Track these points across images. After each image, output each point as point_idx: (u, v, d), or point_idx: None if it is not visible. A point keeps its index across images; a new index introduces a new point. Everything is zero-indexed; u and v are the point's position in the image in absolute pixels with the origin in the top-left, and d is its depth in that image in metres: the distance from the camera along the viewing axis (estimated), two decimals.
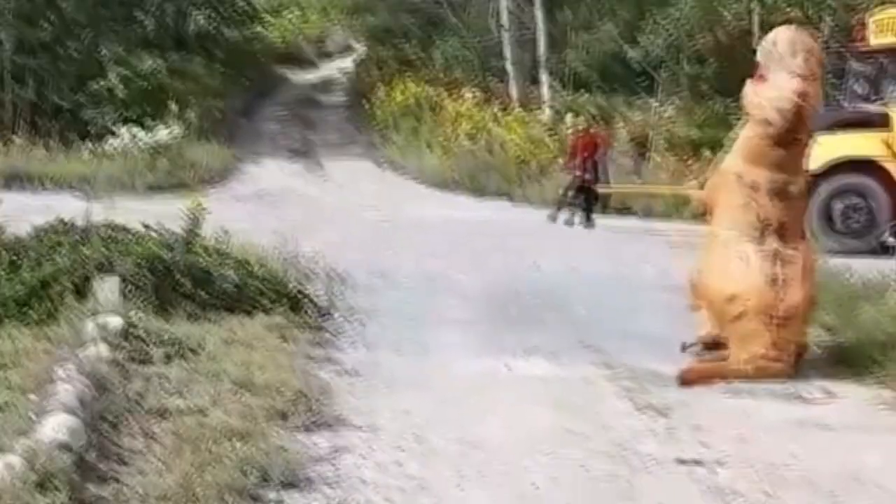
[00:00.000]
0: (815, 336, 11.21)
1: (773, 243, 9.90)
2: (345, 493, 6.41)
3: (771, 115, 10.02)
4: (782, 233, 9.96)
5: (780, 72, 10.12)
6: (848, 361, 10.27)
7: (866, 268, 13.43)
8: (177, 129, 24.46)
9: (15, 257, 10.76)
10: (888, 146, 17.72)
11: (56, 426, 6.38)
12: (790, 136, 10.02)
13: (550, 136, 25.35)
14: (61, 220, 11.53)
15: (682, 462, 7.28)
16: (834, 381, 9.77)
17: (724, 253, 9.95)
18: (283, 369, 8.77)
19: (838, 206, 17.59)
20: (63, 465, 5.90)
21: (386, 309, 12.29)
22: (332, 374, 9.24)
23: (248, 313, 10.78)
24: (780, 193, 9.99)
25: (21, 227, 11.55)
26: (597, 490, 6.73)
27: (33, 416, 6.56)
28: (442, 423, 7.99)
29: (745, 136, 10.27)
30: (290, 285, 11.92)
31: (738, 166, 10.14)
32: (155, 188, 21.98)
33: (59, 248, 10.87)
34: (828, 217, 17.89)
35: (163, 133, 24.09)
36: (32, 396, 7.09)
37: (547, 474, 6.95)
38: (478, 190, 23.69)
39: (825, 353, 10.31)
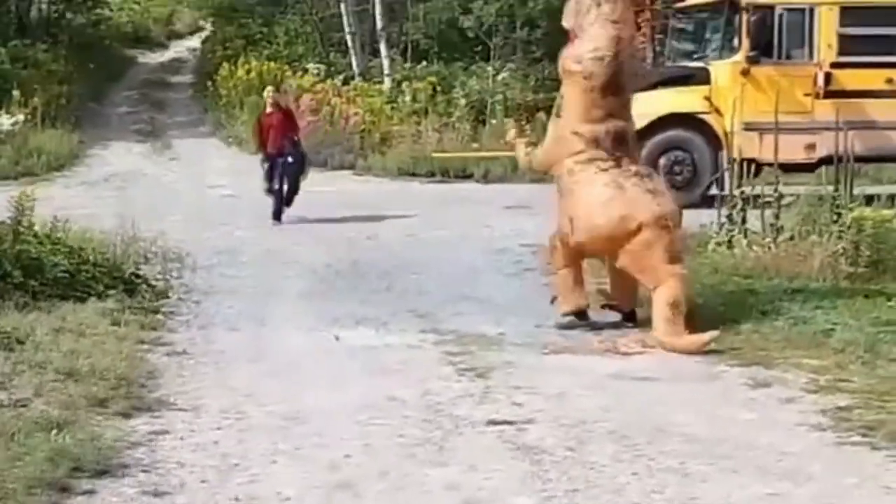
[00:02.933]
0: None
1: (630, 165, 10.28)
2: (159, 478, 6.28)
3: (591, 67, 10.12)
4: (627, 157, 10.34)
5: (592, 25, 10.23)
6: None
7: (689, 220, 13.61)
8: (20, 117, 23.81)
9: None
10: (709, 100, 17.99)
11: None
12: (614, 83, 10.20)
13: (391, 107, 25.27)
14: None
15: (493, 423, 7.29)
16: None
17: (594, 190, 10.06)
18: (109, 355, 8.60)
19: (663, 161, 17.83)
20: None
21: (224, 287, 12.16)
22: (162, 356, 9.09)
23: (82, 300, 10.58)
24: (619, 140, 10.25)
25: None
26: (408, 455, 6.70)
27: None
28: (265, 397, 7.92)
29: (572, 96, 10.35)
30: (126, 269, 11.73)
31: (573, 126, 10.25)
32: (1, 177, 21.37)
33: None
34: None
35: (5, 121, 23.45)
36: None
37: (361, 443, 6.91)
38: (322, 164, 23.48)
39: (643, 305, 10.42)
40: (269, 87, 18.62)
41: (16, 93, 24.74)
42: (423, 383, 8.30)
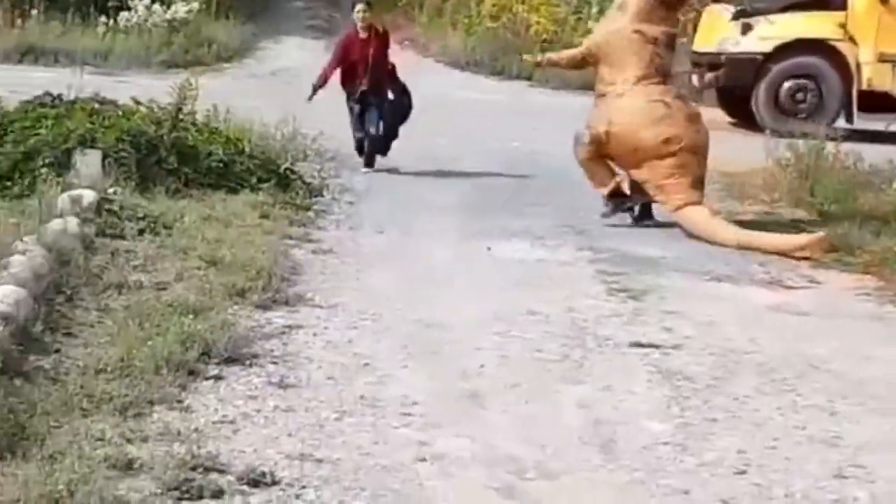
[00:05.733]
0: (812, 223, 11.26)
1: (675, 88, 11.52)
2: (287, 370, 6.47)
3: None
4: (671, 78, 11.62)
5: None
6: (840, 250, 10.27)
7: (877, 154, 13.33)
8: (195, 5, 24.27)
9: None
10: (843, 28, 17.52)
11: (1, 297, 6.46)
12: None
13: (577, 18, 25.08)
14: (48, 93, 11.57)
15: (638, 345, 7.31)
16: (821, 269, 9.78)
17: (641, 104, 10.93)
18: (254, 247, 8.84)
19: (786, 86, 17.60)
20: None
21: (379, 190, 12.33)
22: (307, 253, 9.30)
23: (234, 191, 10.88)
24: (670, 45, 11.33)
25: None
26: (543, 370, 6.77)
27: None
28: (404, 302, 8.05)
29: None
30: (282, 164, 11.97)
31: (635, 25, 11.06)
32: (170, 65, 21.90)
33: (43, 121, 10.92)
34: (775, 98, 17.83)
35: (181, 8, 23.94)
36: None
37: (496, 354, 7.00)
38: (499, 71, 23.51)
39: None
40: (360, 5, 13.34)
41: None
42: (569, 300, 8.33)
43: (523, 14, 24.78)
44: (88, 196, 9.22)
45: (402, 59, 15.24)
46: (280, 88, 20.41)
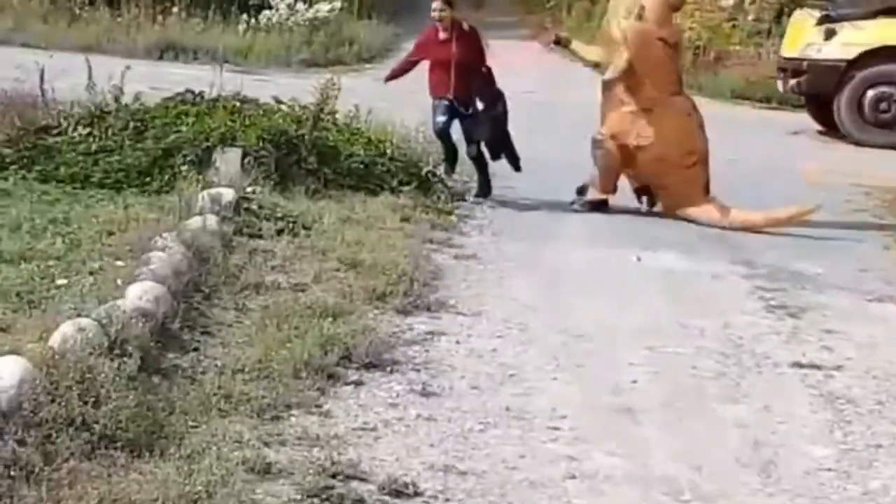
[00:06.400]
0: None
1: (689, 95, 11.96)
2: (430, 378, 6.40)
3: None
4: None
5: None
6: None
7: None
8: (337, 4, 24.43)
9: (141, 126, 10.95)
10: None
11: (141, 294, 6.50)
12: None
13: (732, 25, 24.77)
14: (189, 91, 11.67)
15: (798, 365, 7.11)
16: None
17: (671, 119, 11.32)
18: (395, 250, 8.81)
19: (870, 95, 17.20)
20: (139, 332, 6.01)
21: (525, 194, 12.20)
22: (449, 258, 9.22)
23: (374, 193, 10.85)
24: (678, 47, 11.88)
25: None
26: (698, 387, 6.62)
27: (119, 283, 6.69)
28: (551, 311, 7.95)
29: (654, 3, 11.30)
30: (424, 167, 11.92)
31: (659, 32, 11.34)
32: (310, 64, 22.05)
33: (184, 118, 11.03)
34: (858, 107, 17.41)
35: (323, 7, 24.11)
36: (120, 262, 7.22)
37: (648, 369, 6.86)
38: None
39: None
40: (436, 3, 11.82)
41: None
42: (725, 315, 8.15)
43: (676, 19, 24.48)
44: (228, 194, 9.26)
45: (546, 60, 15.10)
46: (421, 89, 20.48)
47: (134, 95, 11.50)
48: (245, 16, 23.03)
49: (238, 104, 11.37)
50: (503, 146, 11.91)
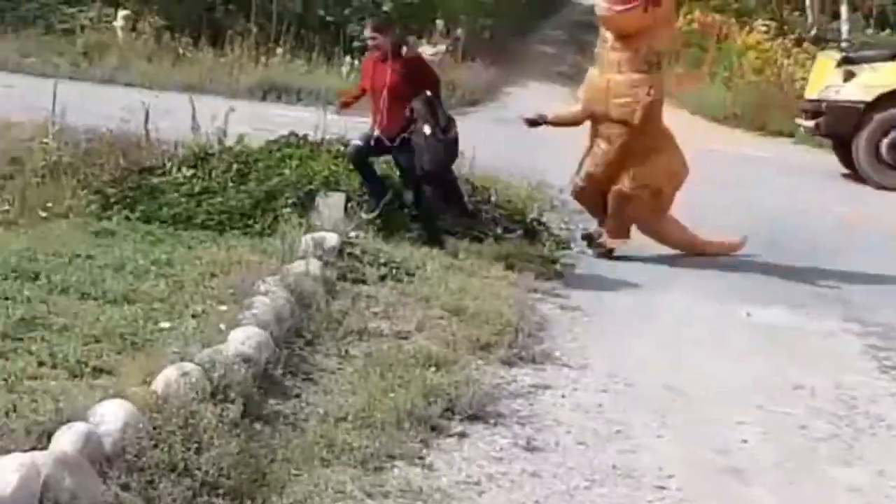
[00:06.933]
0: None
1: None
2: (535, 432, 6.40)
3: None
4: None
5: None
6: None
7: None
8: (442, 48, 24.66)
9: (244, 168, 11.10)
10: None
11: (244, 339, 6.57)
12: None
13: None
14: (293, 133, 11.82)
15: None
16: None
17: (670, 155, 11.53)
18: (499, 299, 8.83)
19: (888, 139, 17.15)
20: (242, 377, 6.07)
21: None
22: (554, 308, 9.23)
23: (478, 240, 10.87)
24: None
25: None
26: (810, 449, 6.56)
27: (222, 328, 6.77)
28: (657, 366, 7.91)
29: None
30: (529, 214, 11.95)
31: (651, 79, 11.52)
32: None
33: (288, 161, 11.17)
34: (875, 150, 17.36)
35: (427, 50, 24.28)
36: (223, 307, 7.31)
37: (758, 429, 6.80)
38: (759, 127, 23.14)
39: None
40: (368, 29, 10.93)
41: (439, 22, 25.60)
42: (836, 374, 8.06)
43: (788, 68, 24.37)
44: (331, 239, 9.35)
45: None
46: (525, 135, 20.51)
47: (237, 137, 11.69)
48: (348, 58, 23.23)
49: (342, 147, 11.48)
50: (451, 186, 11.03)
